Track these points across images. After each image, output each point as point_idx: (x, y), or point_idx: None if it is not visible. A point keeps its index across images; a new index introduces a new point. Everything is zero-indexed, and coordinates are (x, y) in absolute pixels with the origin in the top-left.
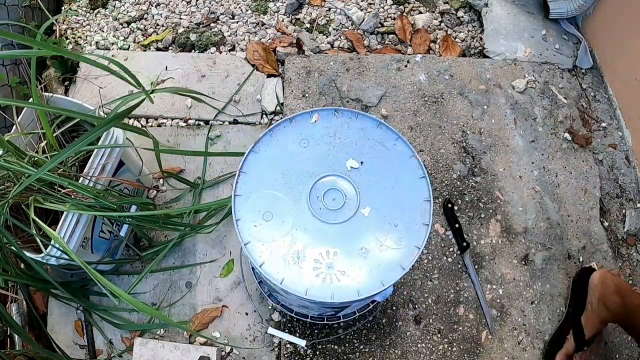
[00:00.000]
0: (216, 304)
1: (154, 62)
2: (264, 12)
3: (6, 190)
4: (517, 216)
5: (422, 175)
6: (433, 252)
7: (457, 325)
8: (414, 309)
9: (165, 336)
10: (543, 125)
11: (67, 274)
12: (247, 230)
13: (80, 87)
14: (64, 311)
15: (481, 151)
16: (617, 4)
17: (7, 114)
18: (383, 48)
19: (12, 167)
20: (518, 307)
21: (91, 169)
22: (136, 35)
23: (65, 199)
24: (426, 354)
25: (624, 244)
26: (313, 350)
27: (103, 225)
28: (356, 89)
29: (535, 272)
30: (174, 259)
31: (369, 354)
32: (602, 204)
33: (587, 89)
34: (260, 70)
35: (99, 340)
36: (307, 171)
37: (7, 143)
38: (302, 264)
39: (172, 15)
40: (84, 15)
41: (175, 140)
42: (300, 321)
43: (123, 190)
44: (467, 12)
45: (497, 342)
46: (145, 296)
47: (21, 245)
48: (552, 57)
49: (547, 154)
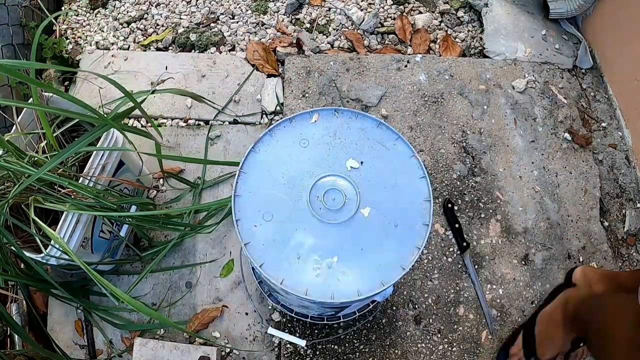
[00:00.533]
0: (216, 304)
1: (154, 62)
2: (264, 12)
3: (6, 190)
4: (517, 216)
5: (422, 175)
6: (433, 252)
7: (457, 325)
8: (414, 309)
9: (165, 336)
10: (543, 125)
11: (67, 274)
12: (247, 230)
13: (80, 87)
14: (64, 311)
15: (481, 151)
16: (617, 4)
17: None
18: (383, 48)
19: (12, 167)
20: (518, 307)
21: (91, 169)
22: (136, 35)
23: (65, 199)
24: (426, 354)
25: (624, 244)
26: (313, 350)
27: (103, 225)
28: (356, 89)
29: (535, 272)
30: (174, 259)
31: (369, 354)
32: (602, 204)
33: (587, 89)
34: (260, 70)
35: (99, 340)
36: (307, 171)
37: (7, 143)
38: (302, 264)
39: (172, 15)
40: (84, 15)
41: (175, 140)
42: (300, 321)
43: (123, 190)
44: (467, 12)
45: (497, 342)
46: (145, 296)
47: (21, 245)
48: (552, 57)
49: (547, 154)
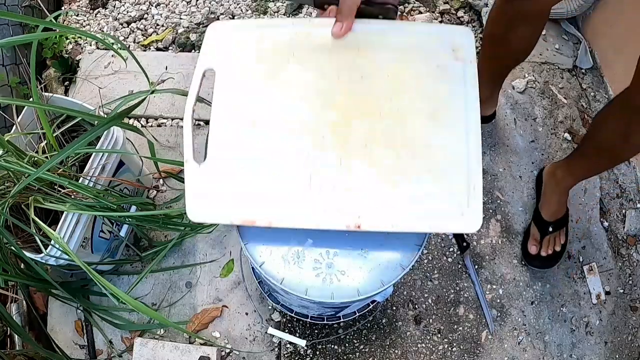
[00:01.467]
0: (216, 304)
1: (154, 62)
2: (264, 12)
3: (6, 190)
4: (517, 216)
5: None
6: (433, 252)
7: (457, 325)
8: (414, 309)
9: (166, 336)
10: (543, 125)
11: (67, 274)
12: (247, 230)
13: (80, 87)
14: (64, 311)
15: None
16: (617, 4)
17: (7, 114)
18: None
19: (12, 167)
20: (518, 307)
21: (91, 169)
22: (136, 35)
23: (65, 199)
24: (426, 354)
25: (624, 244)
26: (313, 350)
27: (103, 225)
28: None
29: (535, 272)
30: (174, 259)
31: (369, 354)
32: (602, 204)
33: (587, 89)
34: None
35: (99, 340)
36: None
37: (7, 143)
38: (302, 264)
39: (172, 15)
40: (84, 15)
41: (175, 141)
42: (300, 321)
43: (123, 190)
44: (467, 12)
45: (497, 342)
46: (145, 296)
47: (21, 245)
48: (552, 57)
49: (547, 154)
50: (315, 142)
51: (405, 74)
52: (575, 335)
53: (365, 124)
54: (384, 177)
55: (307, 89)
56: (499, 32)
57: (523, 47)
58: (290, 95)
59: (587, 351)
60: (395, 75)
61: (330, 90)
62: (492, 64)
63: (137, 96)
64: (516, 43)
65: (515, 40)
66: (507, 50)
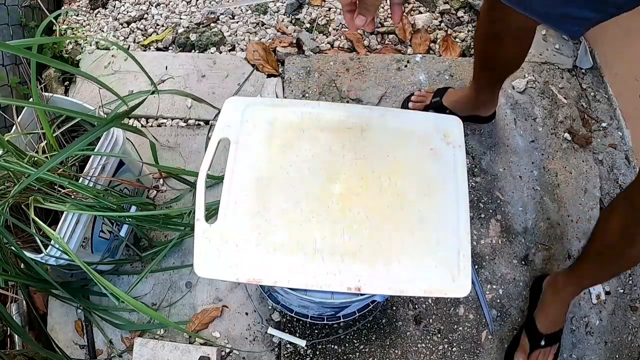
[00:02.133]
0: (216, 304)
1: (154, 62)
2: (264, 12)
3: (6, 190)
4: (517, 216)
5: None
6: None
7: (457, 325)
8: (414, 309)
9: (166, 336)
10: (543, 125)
11: (67, 274)
12: None
13: (80, 87)
14: (64, 311)
15: (481, 151)
16: None
17: (7, 114)
18: (383, 48)
19: (12, 167)
20: (518, 307)
21: (91, 169)
22: (136, 35)
23: (65, 199)
24: (426, 354)
25: None
26: (313, 350)
27: (103, 225)
28: (356, 89)
29: (535, 272)
30: (174, 259)
31: (369, 354)
32: (602, 204)
33: (587, 89)
34: (260, 70)
35: (99, 340)
36: None
37: (7, 143)
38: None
39: (172, 15)
40: (84, 15)
41: (175, 141)
42: (300, 321)
43: (123, 190)
44: (467, 12)
45: (497, 342)
46: (145, 296)
47: (21, 245)
48: (552, 57)
49: (547, 154)
50: (321, 211)
51: (403, 154)
52: (575, 335)
53: (366, 197)
54: (383, 245)
55: (315, 163)
56: (488, 47)
57: (513, 59)
58: (299, 168)
59: (587, 351)
60: (394, 155)
61: (336, 166)
62: (486, 74)
63: (137, 96)
64: (506, 56)
65: (504, 55)
66: (498, 62)
